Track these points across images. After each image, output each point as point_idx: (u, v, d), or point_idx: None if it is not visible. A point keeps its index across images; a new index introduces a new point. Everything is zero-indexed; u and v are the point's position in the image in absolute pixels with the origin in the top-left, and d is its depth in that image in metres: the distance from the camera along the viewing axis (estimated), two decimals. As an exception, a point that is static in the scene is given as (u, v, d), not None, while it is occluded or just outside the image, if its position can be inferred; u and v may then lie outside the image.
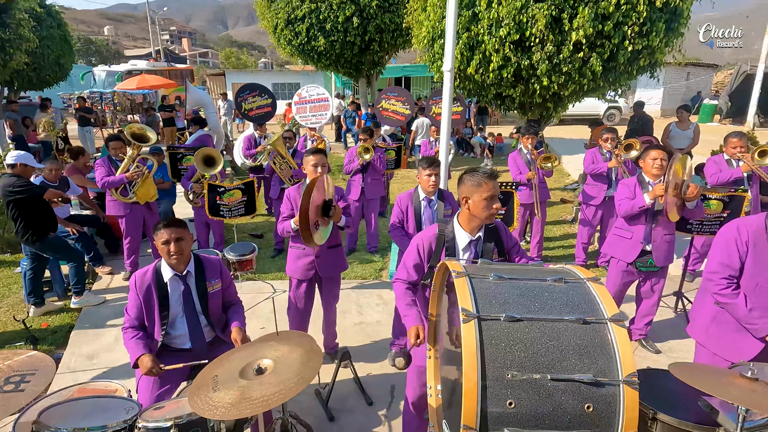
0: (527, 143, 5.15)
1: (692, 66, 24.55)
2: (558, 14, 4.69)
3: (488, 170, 2.06)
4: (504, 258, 2.16)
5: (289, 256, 3.30)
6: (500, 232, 2.18)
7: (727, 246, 2.16)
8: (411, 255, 2.15)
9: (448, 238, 2.11)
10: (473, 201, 2.01)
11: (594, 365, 1.32)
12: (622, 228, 3.54)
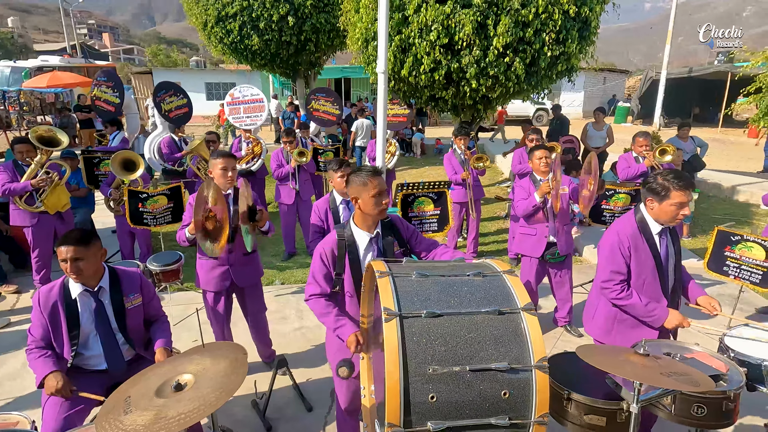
0: (460, 144, 5.35)
1: (608, 72, 26.90)
2: (483, 21, 4.92)
3: (373, 168, 2.11)
4: (405, 248, 2.21)
5: (200, 268, 3.12)
6: (396, 224, 2.23)
7: (613, 254, 2.31)
8: (317, 266, 2.12)
9: (348, 241, 2.11)
10: (363, 200, 2.04)
11: (509, 353, 1.39)
12: (527, 226, 3.77)
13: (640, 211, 2.36)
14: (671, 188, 2.16)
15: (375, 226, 2.15)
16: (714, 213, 7.42)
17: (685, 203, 2.18)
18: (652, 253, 2.29)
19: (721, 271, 3.62)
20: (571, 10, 4.77)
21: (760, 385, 1.89)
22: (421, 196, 4.05)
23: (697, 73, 19.25)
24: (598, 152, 7.75)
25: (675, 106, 21.19)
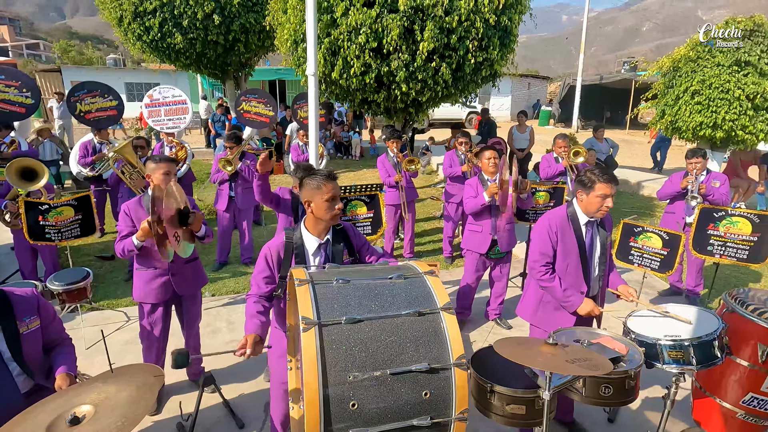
0: (392, 147, 5.43)
1: (532, 78, 28.81)
2: (410, 26, 5.03)
3: (327, 172, 2.10)
4: (355, 258, 2.20)
5: (137, 279, 2.92)
6: (348, 233, 2.21)
7: (541, 238, 2.52)
8: (260, 267, 2.07)
9: (296, 245, 2.07)
10: (316, 204, 2.01)
11: (429, 354, 1.41)
12: (473, 223, 3.95)
13: (572, 205, 2.57)
14: (596, 181, 2.38)
15: (326, 231, 2.11)
16: (623, 207, 8.19)
17: (608, 195, 2.39)
18: (577, 241, 2.50)
19: (627, 260, 3.99)
20: (491, 19, 5.02)
21: (656, 362, 2.09)
22: (353, 200, 4.04)
23: (606, 80, 21.17)
24: (523, 153, 8.26)
25: (590, 109, 23.15)
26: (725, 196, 4.17)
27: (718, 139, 6.45)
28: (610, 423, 2.98)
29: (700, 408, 2.45)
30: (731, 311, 2.22)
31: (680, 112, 6.56)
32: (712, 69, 6.23)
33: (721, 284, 5.02)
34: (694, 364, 2.01)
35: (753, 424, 2.25)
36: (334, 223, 2.11)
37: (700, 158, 4.25)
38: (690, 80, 6.42)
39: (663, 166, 11.06)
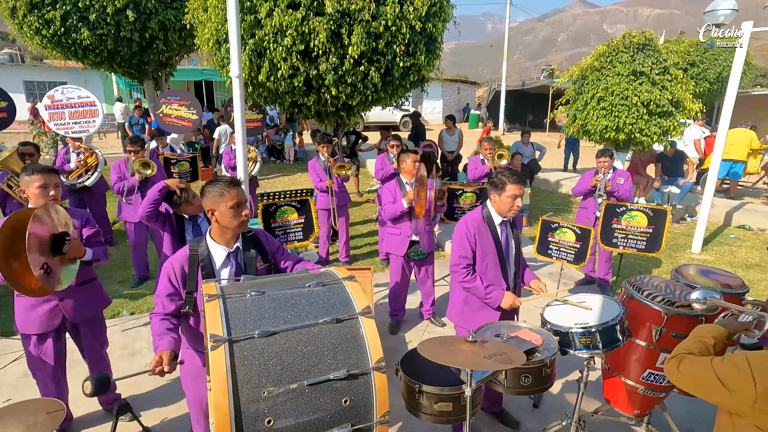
0: (324, 151, 5.37)
1: (461, 83, 30.11)
2: (337, 29, 5.01)
3: (230, 178, 1.99)
4: (270, 264, 2.12)
5: (17, 306, 2.54)
6: (260, 238, 2.12)
7: (461, 241, 2.60)
8: (163, 284, 1.92)
9: (202, 257, 1.95)
10: (220, 212, 1.91)
11: (348, 360, 1.39)
12: (393, 227, 4.00)
13: (486, 207, 2.67)
14: (507, 182, 2.50)
15: (235, 239, 2.00)
16: (544, 204, 8.80)
17: (518, 195, 2.52)
18: (494, 241, 2.61)
19: (546, 254, 4.28)
20: (417, 26, 5.14)
21: (569, 349, 2.24)
22: (283, 206, 3.93)
23: (528, 86, 22.73)
24: (453, 155, 8.57)
25: (514, 113, 24.70)
26: (629, 192, 4.62)
27: (621, 141, 7.16)
28: (536, 408, 3.16)
29: (609, 387, 2.66)
30: (630, 297, 2.45)
31: (588, 116, 7.19)
32: (614, 78, 6.90)
33: (627, 272, 5.56)
34: (601, 348, 2.19)
35: (651, 397, 2.49)
36: (242, 231, 2.01)
37: (608, 158, 4.67)
38: (596, 88, 7.06)
39: (577, 166, 12.06)
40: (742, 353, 1.33)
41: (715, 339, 1.55)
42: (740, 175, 9.00)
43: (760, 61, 25.57)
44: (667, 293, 2.37)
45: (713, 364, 1.37)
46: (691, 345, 1.56)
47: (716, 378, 1.33)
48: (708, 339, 1.55)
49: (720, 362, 1.36)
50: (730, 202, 8.43)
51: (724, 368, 1.33)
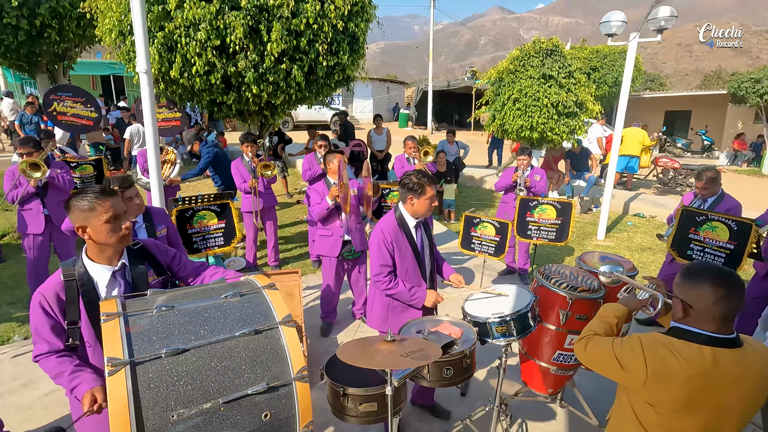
0: (247, 151, 5.15)
1: (390, 82, 30.58)
2: (256, 25, 4.82)
3: (101, 187, 1.75)
4: (166, 276, 1.94)
5: None
6: (150, 250, 1.92)
7: (380, 250, 2.59)
8: (39, 319, 1.67)
9: (81, 281, 1.72)
10: (93, 228, 1.69)
11: (267, 373, 1.35)
12: (323, 228, 3.97)
13: (398, 210, 2.68)
14: (425, 185, 2.54)
15: (118, 256, 1.79)
16: (470, 200, 9.24)
17: (434, 197, 2.58)
18: (410, 244, 2.65)
19: (470, 248, 4.49)
20: (339, 25, 5.12)
21: (487, 338, 2.38)
22: (201, 210, 3.72)
23: (453, 86, 23.68)
24: (382, 154, 8.68)
25: (442, 112, 25.61)
26: (544, 188, 5.01)
27: (535, 139, 7.74)
28: (463, 396, 3.31)
29: (525, 370, 2.87)
30: (540, 285, 2.65)
31: (506, 116, 7.67)
32: (526, 81, 7.43)
33: (544, 260, 6.03)
34: (515, 334, 2.35)
35: (562, 376, 2.73)
36: (125, 245, 1.81)
37: (527, 156, 5.02)
38: (511, 89, 7.55)
39: (501, 163, 12.83)
40: (636, 337, 1.47)
41: (617, 318, 1.73)
42: (636, 168, 10.16)
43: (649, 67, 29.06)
44: (572, 280, 2.60)
45: (613, 346, 1.50)
46: (597, 326, 1.72)
47: (615, 359, 1.47)
48: (611, 319, 1.72)
49: (619, 344, 1.49)
50: (628, 193, 9.49)
51: (622, 350, 1.46)
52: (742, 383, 1.37)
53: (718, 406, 1.38)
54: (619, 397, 1.61)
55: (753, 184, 12.57)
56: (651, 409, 1.43)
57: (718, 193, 3.87)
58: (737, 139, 16.32)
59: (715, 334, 1.39)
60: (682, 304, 1.44)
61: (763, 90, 13.29)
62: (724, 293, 1.36)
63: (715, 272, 1.40)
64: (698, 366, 1.35)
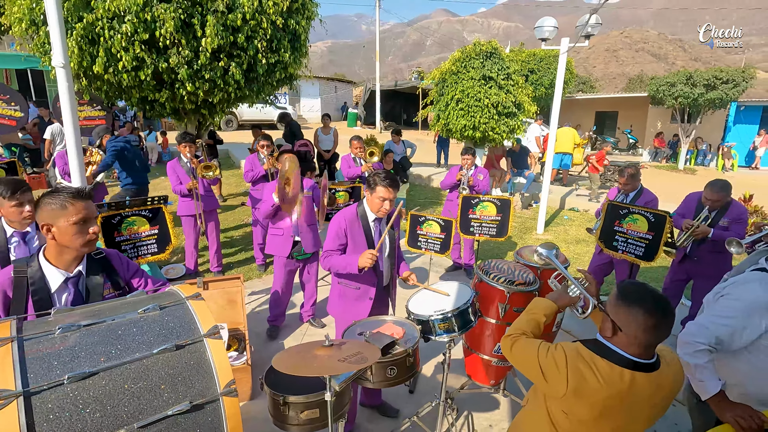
0: (185, 151, 4.88)
1: (338, 81, 30.37)
2: (188, 19, 4.57)
3: (77, 189, 1.69)
4: (122, 291, 1.83)
5: None
6: (112, 261, 1.83)
7: (332, 235, 2.66)
8: None
9: (33, 279, 1.63)
10: (59, 228, 1.62)
11: (191, 390, 1.26)
12: (274, 227, 3.88)
13: (362, 203, 2.71)
14: (377, 184, 2.54)
15: (77, 262, 1.69)
16: (419, 198, 9.38)
17: (386, 198, 2.54)
18: (366, 237, 2.67)
19: (416, 246, 4.54)
20: (279, 21, 4.97)
21: (431, 335, 2.40)
22: (130, 216, 3.45)
23: (401, 86, 23.94)
24: (329, 154, 8.58)
25: (390, 112, 25.82)
26: (486, 187, 5.17)
27: (478, 139, 7.98)
28: (411, 394, 3.33)
29: (469, 363, 2.94)
30: (480, 280, 2.72)
31: (450, 116, 7.85)
32: (468, 82, 7.64)
33: (488, 255, 6.24)
34: (457, 330, 2.39)
35: (503, 367, 2.82)
36: (89, 251, 1.73)
37: (470, 155, 5.15)
38: (454, 90, 7.73)
39: (448, 161, 13.14)
40: (562, 349, 1.47)
41: (546, 316, 1.74)
42: (569, 165, 10.80)
43: (581, 71, 31.03)
44: (509, 274, 2.70)
45: (539, 355, 1.49)
46: (524, 324, 1.72)
47: (539, 367, 1.47)
48: (539, 317, 1.73)
49: (544, 354, 1.48)
50: (564, 189, 10.07)
51: (546, 361, 1.46)
52: (654, 400, 1.42)
53: (627, 420, 1.43)
54: (536, 395, 1.64)
55: (670, 178, 13.85)
56: (564, 416, 1.47)
57: (638, 188, 4.20)
58: (657, 138, 17.90)
59: (637, 359, 1.40)
60: (612, 325, 1.44)
61: (677, 93, 14.63)
62: (655, 323, 1.36)
63: (651, 300, 1.38)
64: (616, 387, 1.37)
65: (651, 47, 37.72)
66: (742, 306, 1.80)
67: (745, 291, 1.83)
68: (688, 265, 3.81)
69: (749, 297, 1.80)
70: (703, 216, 3.58)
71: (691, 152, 16.64)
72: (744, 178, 13.94)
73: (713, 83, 14.05)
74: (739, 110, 17.20)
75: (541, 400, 1.58)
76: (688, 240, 3.61)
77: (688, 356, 1.83)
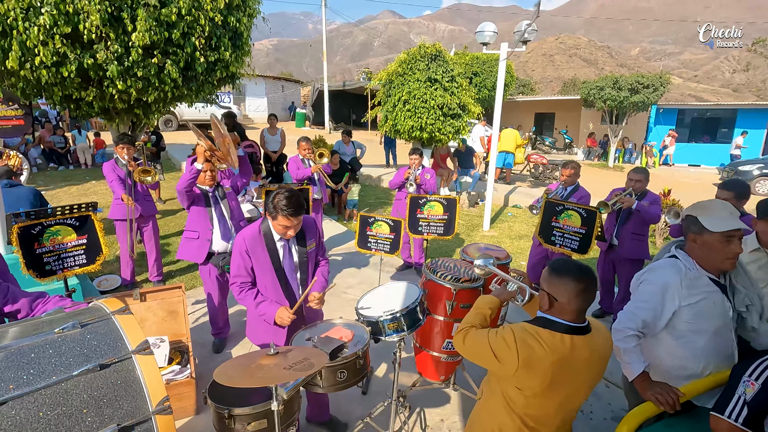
0: (123, 153, 4.54)
1: (285, 81, 29.75)
2: (117, 13, 4.26)
3: None
4: None
5: None
6: None
7: (236, 260, 2.40)
8: None
9: None
10: None
11: (118, 412, 1.17)
12: (189, 229, 3.53)
13: (266, 221, 2.44)
14: (279, 213, 2.24)
15: None
16: (369, 199, 9.40)
17: (289, 226, 2.29)
18: (271, 258, 2.40)
19: (366, 247, 4.53)
20: (217, 18, 4.77)
21: (381, 336, 2.40)
22: (53, 225, 3.16)
23: (349, 87, 23.87)
24: (276, 155, 8.37)
25: (339, 112, 25.66)
26: (433, 186, 5.27)
27: (425, 139, 8.14)
28: (365, 395, 3.33)
29: (420, 361, 2.98)
30: (428, 279, 2.77)
31: (398, 117, 7.93)
32: (414, 83, 7.77)
33: (438, 254, 6.38)
34: (407, 329, 2.41)
35: (452, 362, 2.89)
36: None
37: (418, 156, 5.23)
38: (401, 91, 7.83)
39: (397, 162, 13.28)
40: (509, 329, 1.60)
41: (491, 309, 1.86)
42: (512, 164, 11.31)
43: (521, 74, 32.63)
44: (455, 271, 2.77)
45: (489, 339, 1.61)
46: (473, 318, 1.83)
47: (491, 351, 1.59)
48: (485, 310, 1.85)
49: (494, 336, 1.61)
50: (507, 187, 10.52)
51: (497, 343, 1.58)
52: (592, 364, 1.58)
53: (572, 385, 1.58)
54: (490, 383, 1.75)
55: (601, 175, 14.94)
56: (519, 393, 1.58)
57: (575, 184, 4.49)
58: (589, 138, 19.25)
59: (572, 323, 1.56)
60: (548, 297, 1.59)
61: (605, 96, 15.79)
62: (583, 287, 1.54)
63: (577, 269, 1.57)
64: (559, 352, 1.52)
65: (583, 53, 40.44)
66: (657, 290, 1.98)
67: (658, 275, 2.01)
68: (612, 254, 4.24)
69: (661, 281, 1.99)
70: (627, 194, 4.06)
71: (619, 151, 18.04)
72: (662, 174, 15.34)
73: (636, 88, 15.32)
74: (658, 112, 18.88)
75: (495, 386, 1.67)
76: (616, 205, 4.06)
77: (620, 342, 1.98)
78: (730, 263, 1.91)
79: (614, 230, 4.16)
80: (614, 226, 4.17)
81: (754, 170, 13.37)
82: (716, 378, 1.92)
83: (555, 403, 1.58)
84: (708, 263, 1.95)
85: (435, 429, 2.99)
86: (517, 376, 1.54)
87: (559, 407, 1.59)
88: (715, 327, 1.94)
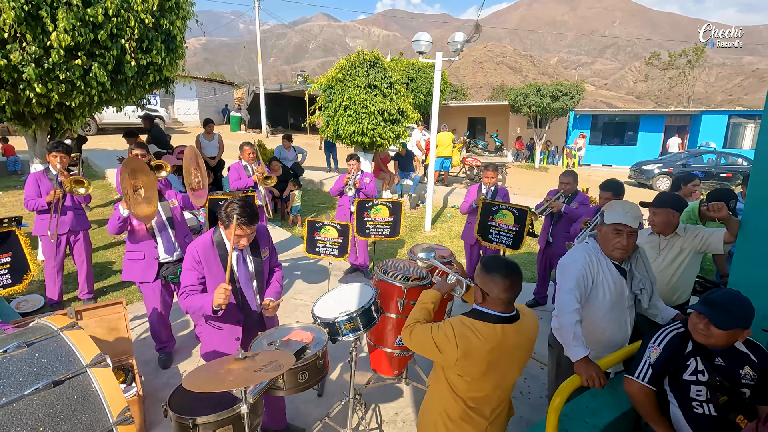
0: (56, 162, 4.14)
1: (217, 83, 28.52)
2: (36, 11, 3.92)
3: None
4: None
5: None
6: None
7: (190, 266, 2.37)
8: None
9: None
10: None
11: (77, 427, 1.15)
12: (132, 250, 3.37)
13: (218, 231, 2.43)
14: (230, 222, 2.23)
15: None
16: (312, 204, 9.36)
17: (242, 235, 2.29)
18: (225, 269, 2.33)
19: (315, 252, 4.56)
20: (148, 20, 4.55)
21: (338, 336, 2.47)
22: (-35, 244, 2.86)
23: (286, 90, 23.44)
24: (215, 161, 8.07)
25: (276, 115, 25.12)
26: (374, 190, 5.40)
27: (367, 144, 8.28)
28: (320, 397, 3.36)
29: (374, 358, 3.08)
30: (380, 279, 2.88)
31: (339, 122, 8.01)
32: (354, 89, 7.89)
33: (384, 255, 6.53)
34: (362, 328, 2.50)
35: (404, 357, 3.02)
36: None
37: (355, 161, 5.33)
38: (342, 97, 7.91)
39: (338, 165, 13.32)
40: (449, 323, 1.74)
41: (433, 303, 2.01)
42: (449, 167, 11.82)
43: (454, 80, 34.07)
44: (405, 271, 2.91)
45: (432, 333, 1.74)
46: (418, 313, 1.97)
47: (434, 344, 1.73)
48: (429, 305, 1.99)
49: (436, 331, 1.74)
50: (446, 189, 10.98)
51: (439, 336, 1.72)
52: (522, 346, 1.77)
53: (506, 367, 1.77)
54: (436, 372, 1.91)
55: (529, 176, 16.11)
56: (461, 379, 1.75)
57: (496, 185, 4.89)
58: (517, 141, 20.66)
59: (503, 314, 1.73)
60: (481, 291, 1.75)
61: (530, 102, 17.04)
62: (510, 282, 1.69)
63: (504, 266, 1.72)
64: (494, 341, 1.68)
65: (508, 61, 43.11)
66: (579, 266, 2.28)
67: (574, 256, 2.34)
68: (548, 251, 4.66)
69: (580, 257, 2.31)
70: (558, 197, 4.45)
71: (544, 153, 19.52)
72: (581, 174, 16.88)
73: (556, 95, 16.69)
74: (576, 118, 20.69)
75: (440, 374, 1.81)
76: (546, 210, 4.41)
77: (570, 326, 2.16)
78: (618, 253, 2.25)
79: (549, 230, 4.57)
80: (549, 227, 4.57)
81: (655, 169, 15.25)
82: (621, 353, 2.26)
83: (492, 384, 1.77)
84: (606, 249, 2.31)
85: (390, 422, 3.11)
86: (458, 364, 1.69)
87: (496, 387, 1.78)
88: (612, 302, 2.29)
